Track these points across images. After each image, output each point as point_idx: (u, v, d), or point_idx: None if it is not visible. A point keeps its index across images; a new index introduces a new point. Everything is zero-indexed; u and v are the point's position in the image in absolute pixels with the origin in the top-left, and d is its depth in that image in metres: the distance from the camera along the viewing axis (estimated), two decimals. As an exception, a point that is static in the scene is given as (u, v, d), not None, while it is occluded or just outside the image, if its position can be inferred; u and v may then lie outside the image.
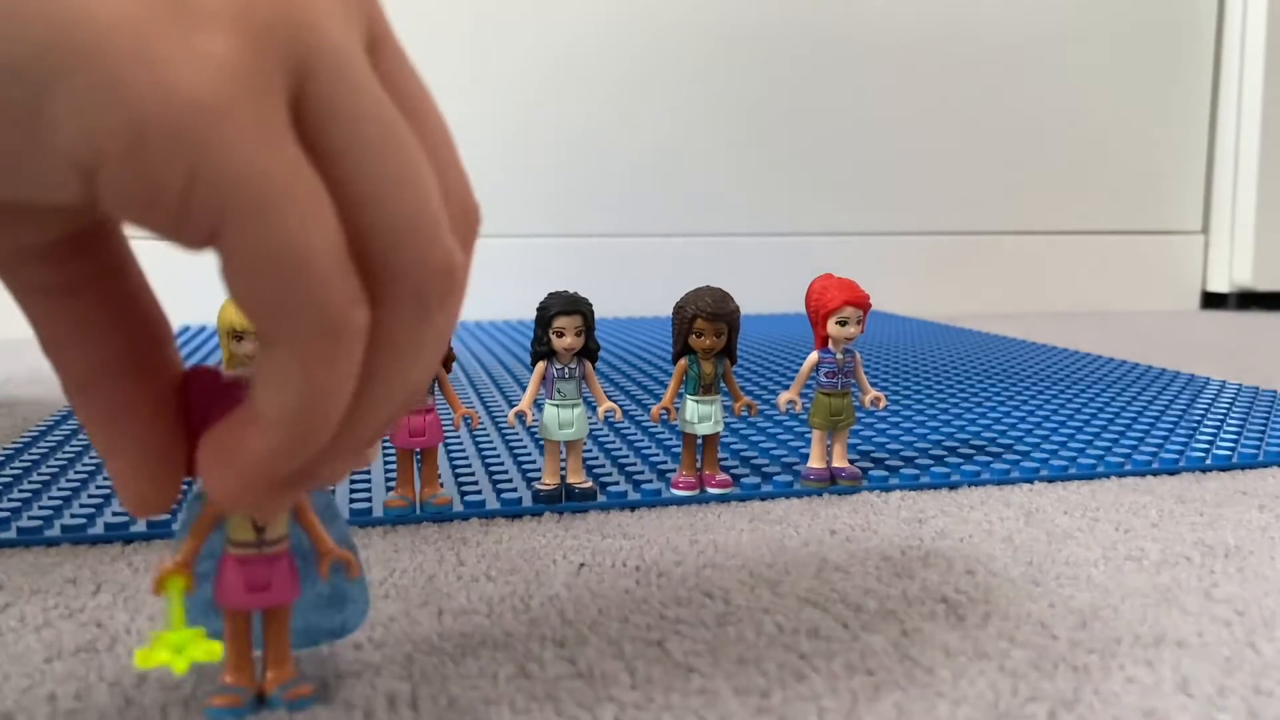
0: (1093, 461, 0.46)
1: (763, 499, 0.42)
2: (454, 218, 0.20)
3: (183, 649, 0.22)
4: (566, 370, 0.40)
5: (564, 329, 0.39)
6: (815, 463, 0.43)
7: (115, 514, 0.38)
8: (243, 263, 0.17)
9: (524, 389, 0.41)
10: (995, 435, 0.52)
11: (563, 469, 0.41)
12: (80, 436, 0.52)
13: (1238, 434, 0.53)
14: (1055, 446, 0.49)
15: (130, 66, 0.15)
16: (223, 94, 0.16)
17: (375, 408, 0.19)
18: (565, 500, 0.41)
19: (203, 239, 0.17)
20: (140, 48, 0.15)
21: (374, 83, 0.18)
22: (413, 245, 0.18)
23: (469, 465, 0.46)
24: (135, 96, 0.15)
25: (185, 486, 0.23)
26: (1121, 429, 0.54)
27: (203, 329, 0.91)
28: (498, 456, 0.48)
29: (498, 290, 1.10)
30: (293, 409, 0.18)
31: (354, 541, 0.25)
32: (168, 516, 0.38)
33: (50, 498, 0.41)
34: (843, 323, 0.42)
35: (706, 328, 0.41)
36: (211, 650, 0.22)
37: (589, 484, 0.41)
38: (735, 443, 0.50)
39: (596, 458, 0.47)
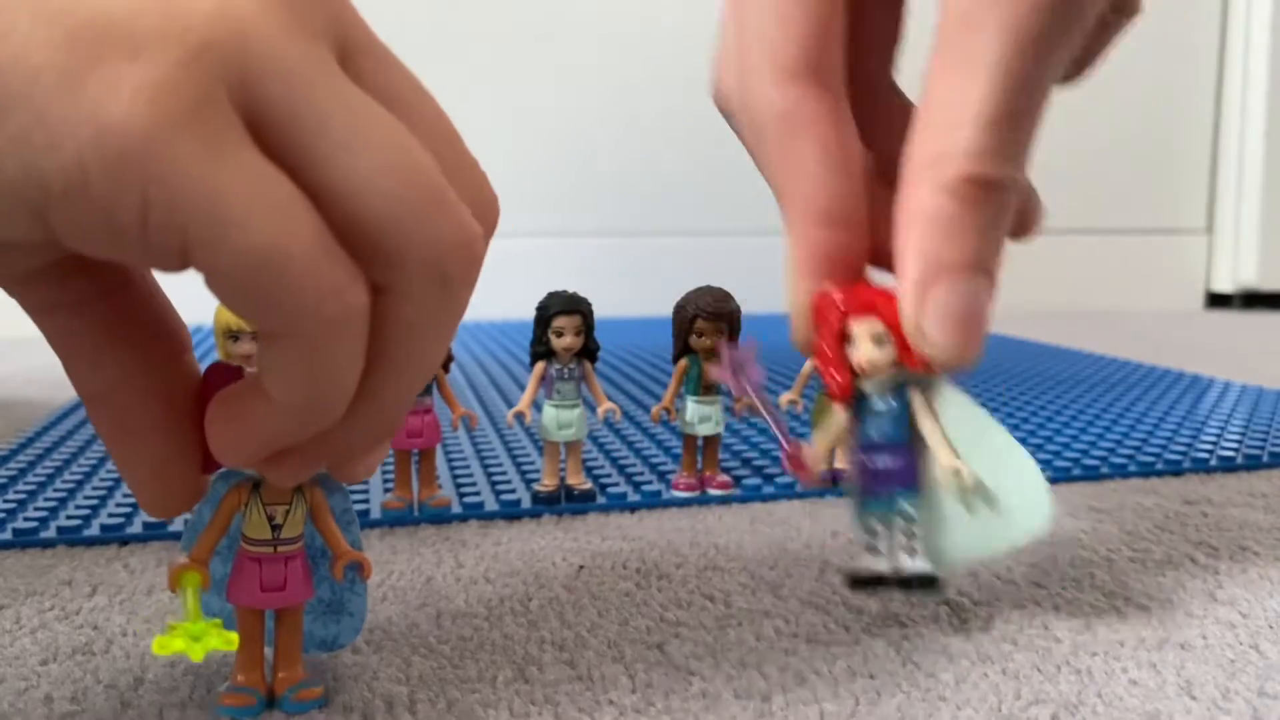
0: (1096, 462, 0.46)
1: (764, 501, 0.42)
2: (466, 190, 0.20)
3: (200, 638, 0.22)
4: (566, 370, 0.40)
5: (563, 329, 0.39)
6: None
7: (111, 515, 0.38)
8: (220, 276, 0.17)
9: (523, 389, 0.40)
10: (998, 436, 0.52)
11: (562, 470, 0.41)
12: (76, 438, 0.51)
13: (1242, 435, 0.52)
14: (1059, 447, 0.49)
15: (60, 106, 0.15)
16: (159, 118, 0.16)
17: (395, 382, 0.20)
18: (564, 502, 0.40)
19: (176, 261, 0.17)
20: (69, 86, 0.16)
21: (339, 82, 0.18)
22: (419, 227, 0.18)
23: (467, 466, 0.46)
24: (69, 135, 0.15)
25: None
26: (1125, 430, 0.53)
27: (199, 328, 0.91)
28: (496, 458, 0.47)
29: (497, 290, 1.10)
30: (299, 394, 0.19)
31: (363, 547, 0.25)
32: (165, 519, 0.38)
33: (46, 499, 0.40)
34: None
35: (707, 328, 0.41)
36: (229, 640, 0.22)
37: (588, 485, 0.41)
38: (736, 444, 0.50)
39: (596, 459, 0.47)
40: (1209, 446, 0.49)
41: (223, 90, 0.17)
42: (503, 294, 1.10)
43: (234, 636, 0.22)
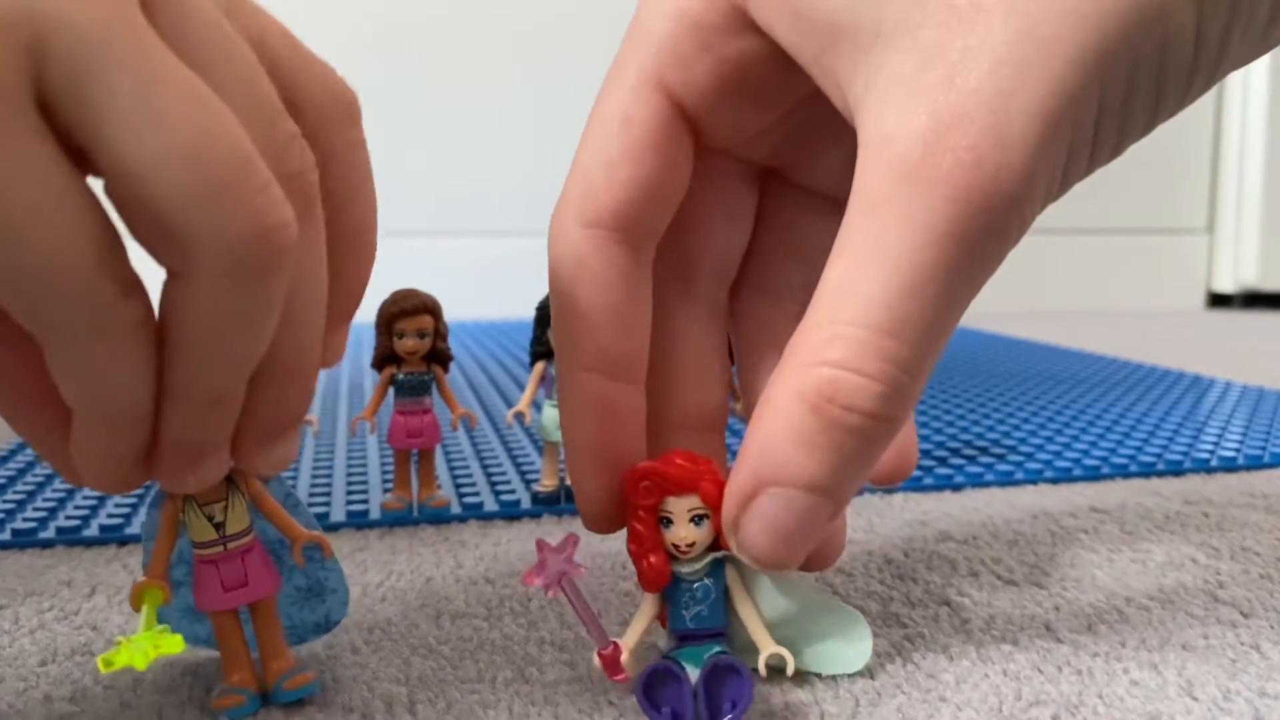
0: (1097, 463, 0.46)
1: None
2: (276, 164, 0.19)
3: (143, 646, 0.22)
4: (566, 371, 0.40)
5: (563, 329, 0.39)
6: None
7: (110, 516, 0.38)
8: None
9: (523, 389, 0.40)
10: (999, 436, 0.52)
11: (562, 470, 0.41)
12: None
13: (1243, 435, 0.52)
14: (1059, 448, 0.49)
15: None
16: None
17: (198, 373, 0.19)
18: (564, 502, 0.40)
19: None
20: None
21: (135, 46, 0.17)
22: (208, 215, 0.17)
23: (467, 467, 0.46)
24: None
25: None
26: (1126, 430, 0.53)
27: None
28: (496, 458, 0.47)
29: (497, 290, 1.10)
30: (85, 400, 0.19)
31: (319, 528, 0.25)
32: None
33: (45, 499, 0.40)
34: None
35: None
36: (173, 643, 0.22)
37: (589, 485, 0.41)
38: (735, 443, 0.50)
39: (597, 459, 0.47)
40: (1210, 447, 0.49)
41: (20, 77, 0.16)
42: (502, 294, 1.10)
43: (178, 639, 0.22)
